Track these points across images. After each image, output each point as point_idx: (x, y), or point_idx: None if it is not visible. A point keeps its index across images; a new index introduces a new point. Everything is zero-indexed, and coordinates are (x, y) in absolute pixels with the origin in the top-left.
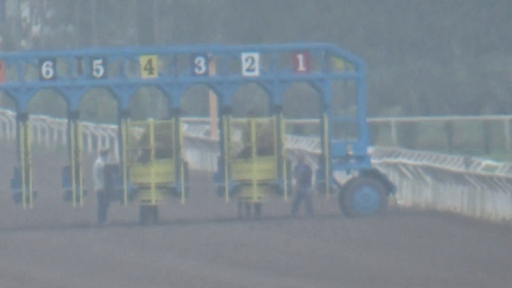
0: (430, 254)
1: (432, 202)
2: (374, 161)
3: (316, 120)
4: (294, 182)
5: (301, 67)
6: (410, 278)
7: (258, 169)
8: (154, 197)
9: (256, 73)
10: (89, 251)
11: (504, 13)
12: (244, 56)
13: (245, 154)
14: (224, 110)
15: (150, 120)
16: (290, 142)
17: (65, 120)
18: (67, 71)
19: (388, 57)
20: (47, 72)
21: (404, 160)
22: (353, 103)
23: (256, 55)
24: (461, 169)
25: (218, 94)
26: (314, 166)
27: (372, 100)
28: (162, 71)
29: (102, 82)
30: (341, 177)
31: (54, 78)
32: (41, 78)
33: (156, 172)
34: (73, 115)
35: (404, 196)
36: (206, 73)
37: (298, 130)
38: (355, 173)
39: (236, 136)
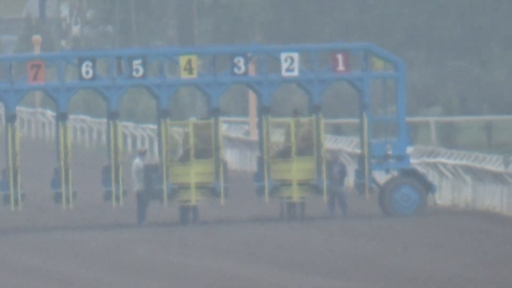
0: (469, 254)
1: (471, 201)
2: (413, 160)
3: (355, 120)
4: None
5: (340, 67)
6: (450, 278)
7: (297, 169)
8: (193, 197)
9: (296, 73)
10: (129, 252)
11: None
12: (283, 56)
13: (285, 154)
14: (263, 110)
15: (191, 120)
16: (329, 142)
17: (105, 120)
18: (106, 71)
19: (427, 57)
20: (87, 72)
21: (443, 160)
22: (392, 103)
23: (295, 55)
24: (501, 168)
25: (258, 94)
26: (354, 166)
27: (411, 100)
28: (202, 71)
29: (142, 82)
30: (381, 177)
31: (93, 78)
32: (81, 78)
33: (195, 172)
34: (113, 115)
35: (443, 196)
36: (245, 73)
37: (337, 130)
38: (395, 173)
39: (276, 136)
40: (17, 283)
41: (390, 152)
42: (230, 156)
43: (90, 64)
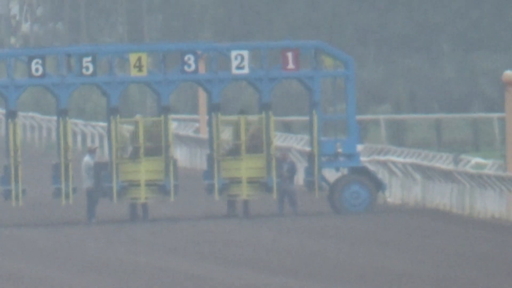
0: (419, 251)
1: (421, 199)
2: (363, 159)
3: (305, 118)
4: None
5: (291, 65)
6: (399, 275)
7: (247, 167)
8: (143, 194)
9: (246, 70)
10: (79, 249)
11: (493, 11)
12: (233, 54)
13: (234, 152)
14: (213, 108)
15: (139, 117)
16: (279, 140)
17: (55, 118)
18: (56, 68)
19: (377, 55)
20: (37, 70)
21: (393, 158)
22: (342, 101)
23: (245, 53)
24: (450, 167)
25: (208, 92)
26: (304, 164)
27: (361, 98)
28: (152, 69)
29: (92, 79)
30: (331, 175)
31: (43, 75)
32: (31, 75)
33: (145, 170)
34: (62, 113)
35: (393, 194)
36: (195, 71)
37: (287, 128)
38: (344, 171)
39: (225, 134)
40: None
41: (340, 150)
42: (180, 154)
43: (39, 61)
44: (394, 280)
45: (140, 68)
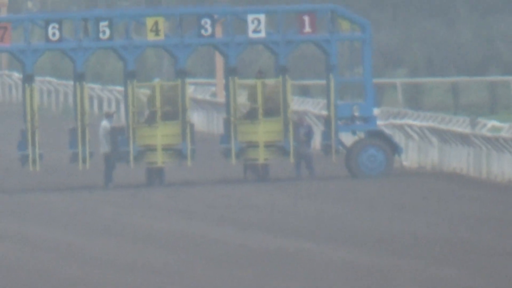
0: (435, 215)
1: (438, 163)
2: (380, 122)
3: (322, 82)
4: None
5: (307, 29)
6: (416, 239)
7: (264, 131)
8: (160, 159)
9: (262, 34)
10: (95, 213)
11: None
12: (250, 17)
13: (251, 116)
14: (230, 72)
15: (156, 82)
16: (296, 104)
17: (71, 82)
18: (73, 33)
19: (393, 19)
20: (53, 34)
21: (410, 122)
22: (359, 65)
23: (262, 17)
24: (467, 130)
25: (224, 56)
26: (320, 128)
27: (377, 61)
28: (168, 33)
29: (108, 44)
30: (347, 138)
31: (60, 40)
32: (47, 40)
33: (162, 134)
34: (79, 77)
35: (410, 157)
36: (212, 35)
37: (304, 92)
38: (361, 135)
39: (242, 98)
40: None
41: (356, 114)
42: (197, 118)
43: (56, 26)
44: (411, 244)
45: (157, 32)
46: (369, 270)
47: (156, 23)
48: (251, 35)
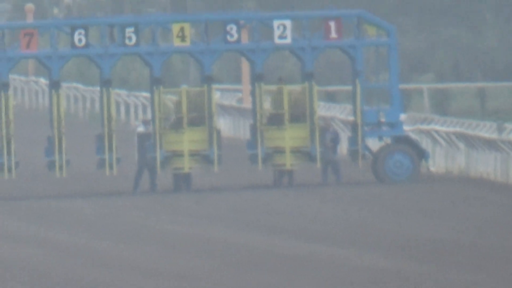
0: (463, 220)
1: (464, 168)
2: (406, 128)
3: (348, 87)
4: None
5: (333, 34)
6: (443, 244)
7: (290, 137)
8: (187, 164)
9: (288, 40)
10: (123, 219)
11: None
12: (276, 23)
13: (277, 121)
14: (256, 78)
15: (183, 88)
16: (322, 109)
17: (98, 88)
18: (99, 39)
19: (419, 24)
20: (80, 40)
21: (436, 127)
22: (385, 70)
23: (288, 22)
24: (494, 135)
25: (250, 62)
26: (347, 133)
27: (404, 67)
28: (194, 39)
29: (134, 49)
30: (374, 144)
31: (86, 46)
32: (73, 46)
33: (189, 140)
34: (106, 83)
35: (436, 163)
36: (238, 41)
37: (330, 97)
38: (388, 140)
39: (266, 104)
40: (11, 251)
41: (383, 120)
42: (224, 124)
43: (82, 32)
44: (438, 249)
45: (183, 38)
46: (395, 275)
47: (182, 29)
48: (277, 41)
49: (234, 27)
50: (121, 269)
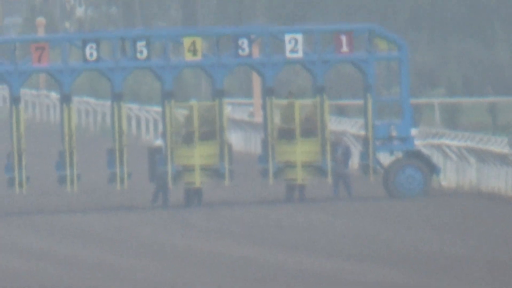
0: (474, 235)
1: (476, 183)
2: (417, 142)
3: (359, 101)
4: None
5: (344, 48)
6: (454, 259)
7: (302, 151)
8: (198, 179)
9: (299, 54)
10: (133, 233)
11: None
12: (287, 37)
13: (288, 136)
14: (267, 92)
15: (193, 102)
16: (333, 124)
17: (109, 102)
18: (110, 52)
19: (431, 38)
20: (91, 54)
21: (447, 141)
22: (396, 84)
23: (299, 36)
24: (505, 150)
25: (262, 76)
26: (358, 148)
27: (415, 81)
28: (206, 53)
29: (146, 63)
30: (385, 158)
31: (97, 60)
32: (85, 60)
33: (200, 154)
34: (117, 97)
35: (447, 177)
36: (249, 55)
37: (341, 111)
38: (399, 155)
39: (276, 118)
40: (23, 265)
41: (394, 134)
42: (235, 138)
43: (94, 46)
44: (449, 264)
45: (194, 52)
46: None
47: (193, 43)
48: (288, 55)
49: (246, 41)
50: (133, 283)
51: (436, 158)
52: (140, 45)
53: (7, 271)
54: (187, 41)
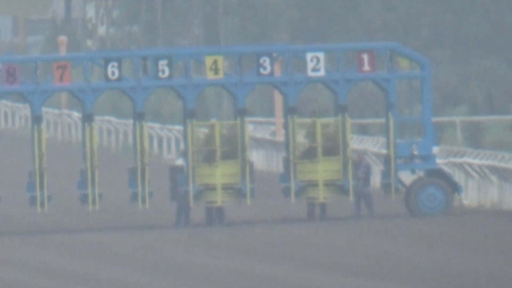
0: (496, 253)
1: (497, 201)
2: (439, 160)
3: (381, 120)
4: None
5: (366, 67)
6: (477, 277)
7: (323, 170)
8: (220, 198)
9: (322, 73)
10: (155, 252)
11: None
12: (309, 56)
13: (310, 155)
14: (289, 110)
15: (214, 121)
16: (355, 142)
17: (131, 121)
18: (132, 71)
19: (453, 57)
20: (113, 73)
21: (469, 160)
22: (418, 103)
23: (321, 55)
24: None
25: (284, 94)
26: (380, 166)
27: (437, 99)
28: (228, 71)
29: (168, 82)
30: (407, 177)
31: (119, 78)
32: (107, 79)
33: (221, 173)
34: (139, 116)
35: (469, 196)
36: (271, 73)
37: (363, 130)
38: (421, 173)
39: (300, 136)
40: (43, 284)
41: (416, 152)
42: (256, 157)
43: (116, 64)
44: (471, 282)
45: (216, 70)
46: None
47: (215, 62)
48: (310, 73)
49: (267, 60)
50: None
51: (458, 177)
52: (162, 64)
53: None
54: (209, 60)
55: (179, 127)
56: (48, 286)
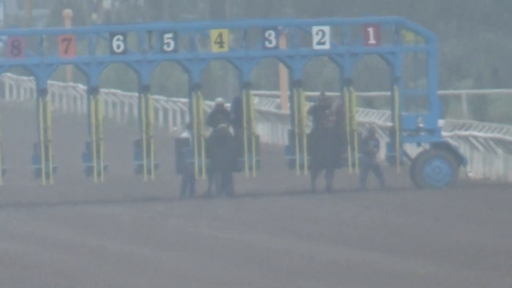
0: (501, 225)
1: (503, 174)
2: (444, 133)
3: (386, 93)
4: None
5: (372, 40)
6: (482, 250)
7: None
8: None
9: (327, 46)
10: (161, 225)
11: None
12: (314, 29)
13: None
14: (294, 84)
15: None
16: (360, 115)
17: (136, 94)
18: (138, 45)
19: (459, 30)
20: (118, 46)
21: (475, 133)
22: (424, 76)
23: (326, 29)
24: None
25: (289, 68)
26: (385, 139)
27: (442, 73)
28: (233, 45)
29: (173, 56)
30: (412, 150)
31: (125, 52)
32: (112, 52)
33: None
34: (144, 89)
35: (475, 169)
36: (276, 47)
37: (368, 103)
38: (426, 146)
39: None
40: (49, 257)
41: (421, 125)
42: (262, 130)
43: (121, 38)
44: (476, 255)
45: (221, 44)
46: (434, 281)
47: (220, 35)
48: (315, 47)
49: (273, 33)
50: (160, 275)
51: (463, 149)
52: (167, 37)
53: (33, 263)
54: (214, 34)
55: (184, 100)
56: (55, 259)
